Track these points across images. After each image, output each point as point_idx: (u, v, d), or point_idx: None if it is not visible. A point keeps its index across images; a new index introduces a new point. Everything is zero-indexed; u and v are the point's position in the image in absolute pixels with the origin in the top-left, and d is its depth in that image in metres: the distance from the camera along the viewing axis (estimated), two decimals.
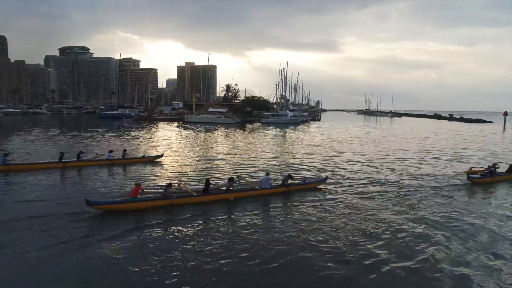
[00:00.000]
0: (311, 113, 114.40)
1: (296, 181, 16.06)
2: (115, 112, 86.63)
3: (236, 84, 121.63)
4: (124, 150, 22.90)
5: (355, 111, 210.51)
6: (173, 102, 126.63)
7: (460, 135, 52.83)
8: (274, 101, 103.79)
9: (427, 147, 35.64)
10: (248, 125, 70.30)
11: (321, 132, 56.30)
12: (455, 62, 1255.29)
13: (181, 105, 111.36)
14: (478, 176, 18.85)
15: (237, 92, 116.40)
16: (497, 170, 19.29)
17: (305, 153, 29.07)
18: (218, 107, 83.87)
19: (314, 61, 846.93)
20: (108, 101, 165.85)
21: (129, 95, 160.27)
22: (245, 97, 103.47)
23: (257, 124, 73.67)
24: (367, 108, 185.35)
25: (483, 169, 19.55)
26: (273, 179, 16.06)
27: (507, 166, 20.22)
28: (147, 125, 63.69)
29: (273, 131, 56.55)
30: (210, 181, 14.68)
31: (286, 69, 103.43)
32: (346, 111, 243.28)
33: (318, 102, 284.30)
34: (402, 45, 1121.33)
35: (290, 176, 15.76)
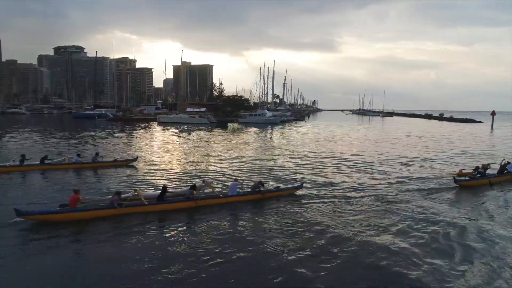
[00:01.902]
0: (296, 112, 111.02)
1: (268, 188, 14.65)
2: (89, 112, 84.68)
3: (221, 84, 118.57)
4: (96, 154, 21.26)
5: (350, 111, 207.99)
6: (157, 101, 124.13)
7: (442, 135, 50.00)
8: (257, 101, 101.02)
9: (410, 148, 33.72)
10: (230, 125, 68.07)
11: (292, 134, 53.69)
12: (455, 62, 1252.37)
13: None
14: (466, 178, 17.52)
15: (222, 92, 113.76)
16: (488, 171, 18.13)
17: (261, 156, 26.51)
18: (195, 107, 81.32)
19: (313, 61, 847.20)
20: (99, 100, 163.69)
21: (123, 94, 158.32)
22: (226, 96, 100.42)
23: (236, 124, 71.22)
24: (361, 108, 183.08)
25: (473, 171, 18.18)
26: (240, 184, 14.62)
27: (499, 167, 19.00)
28: (117, 126, 61.46)
29: (247, 132, 54.26)
30: (168, 188, 13.27)
31: (273, 68, 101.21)
32: (341, 111, 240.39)
33: (314, 102, 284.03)
34: (402, 45, 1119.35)
35: (261, 183, 14.35)
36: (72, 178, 17.95)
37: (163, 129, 55.56)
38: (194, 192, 13.09)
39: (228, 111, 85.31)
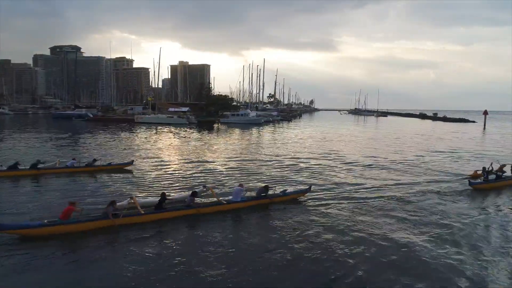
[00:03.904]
0: (284, 112, 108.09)
1: (275, 193, 13.98)
2: (68, 112, 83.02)
3: (209, 83, 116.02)
4: (94, 160, 20.37)
5: (346, 110, 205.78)
6: (144, 101, 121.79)
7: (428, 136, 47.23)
8: (242, 100, 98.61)
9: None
10: (215, 126, 65.94)
11: (260, 136, 51.22)
12: (453, 61, 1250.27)
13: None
14: (481, 181, 16.93)
15: (211, 91, 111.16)
16: (504, 174, 17.56)
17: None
18: (176, 107, 79.07)
19: (312, 60, 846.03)
20: (91, 100, 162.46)
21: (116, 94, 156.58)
22: (213, 95, 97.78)
23: (219, 124, 68.95)
24: (357, 108, 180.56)
25: (481, 172, 17.58)
26: (245, 191, 13.82)
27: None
28: (92, 126, 59.26)
29: (225, 133, 52.10)
30: (167, 194, 12.50)
31: (263, 66, 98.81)
32: (338, 110, 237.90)
33: (311, 102, 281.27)
34: (400, 45, 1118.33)
35: (266, 188, 13.61)
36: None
37: (136, 130, 52.74)
38: (196, 199, 12.40)
39: (213, 111, 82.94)
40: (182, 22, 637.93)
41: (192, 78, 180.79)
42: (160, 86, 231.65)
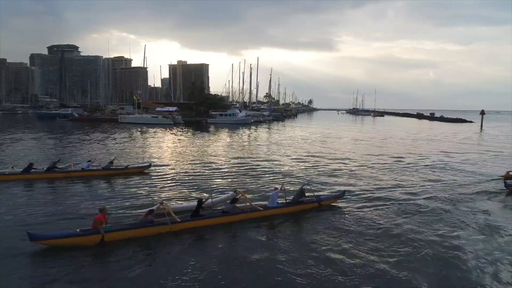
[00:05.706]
0: (277, 112, 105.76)
1: (310, 198, 13.57)
2: (52, 112, 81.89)
3: (202, 82, 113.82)
4: (111, 162, 19.25)
5: (344, 110, 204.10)
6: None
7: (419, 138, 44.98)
8: (231, 99, 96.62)
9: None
10: (202, 126, 64.26)
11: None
12: (453, 61, 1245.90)
13: None
14: None
15: (203, 90, 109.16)
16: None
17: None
18: (162, 106, 77.14)
19: (311, 60, 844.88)
20: (86, 100, 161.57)
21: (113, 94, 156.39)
22: (204, 95, 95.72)
23: (206, 125, 67.20)
24: (355, 107, 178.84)
25: None
26: (281, 194, 13.19)
27: None
28: (73, 126, 57.76)
29: (210, 133, 50.36)
30: (204, 200, 11.91)
31: (257, 65, 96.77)
32: (336, 110, 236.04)
33: (310, 101, 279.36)
34: (400, 44, 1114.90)
35: (303, 191, 13.28)
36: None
37: (116, 131, 50.40)
38: (236, 205, 11.87)
39: (202, 111, 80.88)
40: (181, 22, 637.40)
41: (190, 77, 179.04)
42: (159, 85, 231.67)
